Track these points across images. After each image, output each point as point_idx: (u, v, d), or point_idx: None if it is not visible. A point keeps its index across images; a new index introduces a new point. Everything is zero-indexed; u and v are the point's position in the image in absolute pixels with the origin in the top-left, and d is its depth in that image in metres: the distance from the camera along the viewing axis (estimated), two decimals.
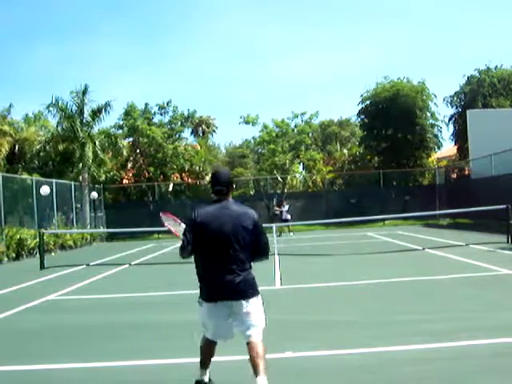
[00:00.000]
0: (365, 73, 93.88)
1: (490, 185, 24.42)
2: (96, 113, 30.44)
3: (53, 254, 21.84)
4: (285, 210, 28.50)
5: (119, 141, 32.80)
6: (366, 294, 9.49)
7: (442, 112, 41.15)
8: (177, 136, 37.55)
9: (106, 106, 30.45)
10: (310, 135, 38.93)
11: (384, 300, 8.83)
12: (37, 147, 31.26)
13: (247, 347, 4.41)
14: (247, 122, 37.42)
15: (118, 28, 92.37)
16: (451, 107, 40.97)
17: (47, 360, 6.07)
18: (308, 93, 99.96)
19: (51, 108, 29.75)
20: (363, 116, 39.64)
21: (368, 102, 38.60)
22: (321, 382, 5.01)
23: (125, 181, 39.13)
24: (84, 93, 29.92)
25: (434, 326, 6.72)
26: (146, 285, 12.08)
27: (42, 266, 16.23)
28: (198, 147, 40.32)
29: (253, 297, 4.39)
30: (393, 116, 35.55)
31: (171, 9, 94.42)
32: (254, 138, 40.72)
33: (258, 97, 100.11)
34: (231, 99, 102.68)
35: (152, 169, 36.32)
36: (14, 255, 20.08)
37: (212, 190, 4.53)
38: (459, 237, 20.08)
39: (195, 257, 4.44)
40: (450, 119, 40.60)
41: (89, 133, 30.19)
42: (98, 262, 17.55)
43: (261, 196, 35.74)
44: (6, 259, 19.47)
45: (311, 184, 41.33)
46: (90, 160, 29.60)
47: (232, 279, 4.27)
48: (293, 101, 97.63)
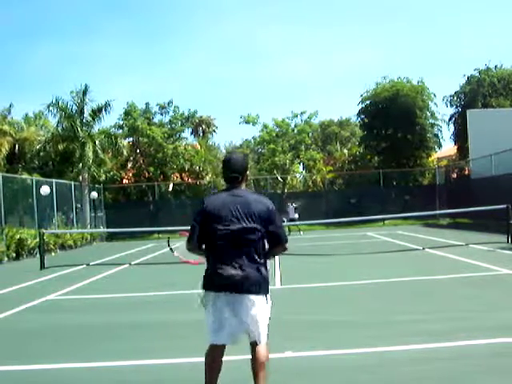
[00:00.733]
0: (365, 73, 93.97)
1: (490, 185, 24.42)
2: (96, 112, 30.44)
3: (53, 254, 21.84)
4: (292, 210, 28.47)
5: (119, 141, 32.80)
6: (366, 294, 9.49)
7: (442, 112, 41.01)
8: (177, 136, 37.56)
9: (106, 106, 30.47)
10: (310, 135, 38.95)
11: (384, 300, 8.83)
12: (37, 147, 31.28)
13: (251, 352, 4.14)
14: (247, 122, 37.45)
15: (119, 28, 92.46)
16: (451, 107, 41.03)
17: (47, 360, 6.07)
18: (308, 93, 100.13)
19: (51, 108, 29.79)
20: (363, 116, 39.65)
21: (368, 102, 38.61)
22: (320, 382, 5.01)
23: (125, 181, 39.14)
24: (84, 93, 29.93)
25: (434, 326, 6.72)
26: (146, 285, 12.08)
27: (42, 266, 16.23)
28: (198, 147, 40.31)
29: (259, 294, 4.03)
30: (393, 116, 35.56)
31: (172, 9, 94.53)
32: (254, 138, 40.78)
33: (258, 97, 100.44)
34: (231, 99, 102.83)
35: (152, 169, 36.32)
36: (14, 255, 20.09)
37: (224, 177, 4.15)
38: (459, 237, 20.08)
39: (206, 248, 4.11)
40: (450, 119, 40.62)
41: (89, 132, 30.20)
42: (98, 262, 17.55)
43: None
44: (6, 259, 19.48)
45: (311, 184, 41.36)
46: (90, 160, 29.60)
47: (241, 270, 3.93)
48: (293, 101, 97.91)
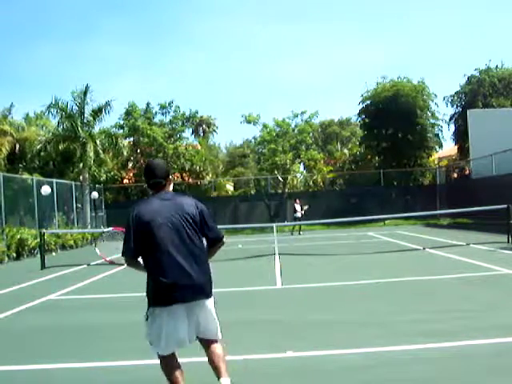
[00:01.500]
0: (365, 73, 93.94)
1: (491, 184, 24.43)
2: (97, 112, 30.44)
3: (53, 254, 21.84)
4: (299, 209, 28.49)
5: (120, 141, 32.81)
6: (367, 294, 9.48)
7: (443, 112, 41.09)
8: (177, 136, 37.59)
9: (107, 106, 30.47)
10: (311, 135, 38.96)
11: (385, 300, 8.83)
12: (37, 147, 31.26)
13: (207, 351, 4.15)
14: (248, 122, 37.46)
15: (120, 28, 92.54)
16: (452, 107, 41.08)
17: (48, 360, 6.07)
18: (309, 92, 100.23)
19: (51, 109, 29.80)
20: (364, 116, 39.68)
21: (368, 102, 38.64)
22: (321, 382, 5.01)
23: (125, 181, 39.20)
24: (85, 93, 29.93)
25: (435, 326, 6.72)
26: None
27: (43, 266, 16.24)
28: (199, 147, 40.34)
29: (211, 295, 4.10)
30: (393, 116, 35.57)
31: (173, 9, 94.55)
32: (255, 138, 40.77)
33: (259, 96, 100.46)
34: (232, 99, 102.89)
35: None
36: (15, 255, 20.10)
37: (148, 184, 4.18)
38: (459, 236, 20.08)
39: (145, 259, 4.02)
40: (451, 119, 40.63)
41: (89, 132, 30.20)
42: (99, 262, 17.54)
43: (261, 196, 35.77)
44: (7, 259, 19.48)
45: (312, 184, 41.35)
46: (91, 160, 29.62)
47: (191, 276, 3.90)
48: (294, 100, 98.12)
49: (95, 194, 30.36)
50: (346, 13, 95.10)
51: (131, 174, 38.93)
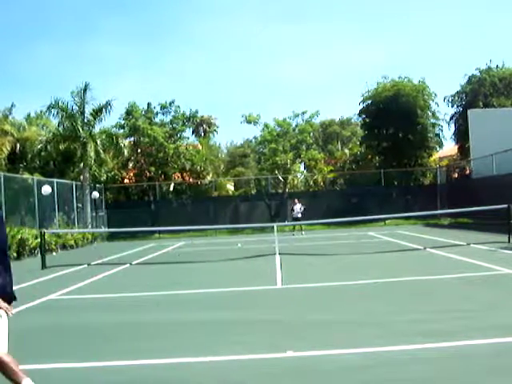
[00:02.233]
0: (366, 72, 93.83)
1: (491, 184, 24.42)
2: (97, 112, 30.44)
3: (54, 254, 21.86)
4: (298, 210, 28.48)
5: (120, 140, 32.82)
6: (367, 294, 9.48)
7: (443, 111, 41.09)
8: (178, 136, 37.59)
9: (107, 106, 30.48)
10: (311, 135, 38.96)
11: (384, 300, 8.83)
12: (38, 147, 31.31)
13: None
14: (249, 122, 37.46)
15: (120, 27, 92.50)
16: (452, 107, 41.04)
17: (48, 359, 6.07)
18: (309, 92, 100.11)
19: (52, 109, 29.81)
20: (364, 115, 39.67)
21: (369, 102, 38.63)
22: (320, 382, 5.01)
23: (126, 180, 39.20)
24: (85, 91, 29.95)
25: (435, 326, 6.72)
26: (147, 284, 12.08)
27: (44, 266, 16.25)
28: (200, 147, 40.34)
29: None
30: (394, 115, 35.56)
31: (173, 9, 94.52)
32: (256, 138, 40.77)
33: (260, 96, 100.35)
34: (233, 99, 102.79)
35: (153, 168, 36.37)
36: (16, 255, 20.09)
37: None
38: (460, 236, 20.08)
39: None
40: (451, 119, 40.61)
41: (90, 132, 30.21)
42: (99, 262, 17.56)
43: (262, 196, 35.77)
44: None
45: (312, 183, 41.35)
46: (92, 160, 29.64)
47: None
48: (294, 100, 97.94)
49: (96, 194, 30.38)
50: (347, 13, 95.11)
51: (132, 174, 38.94)
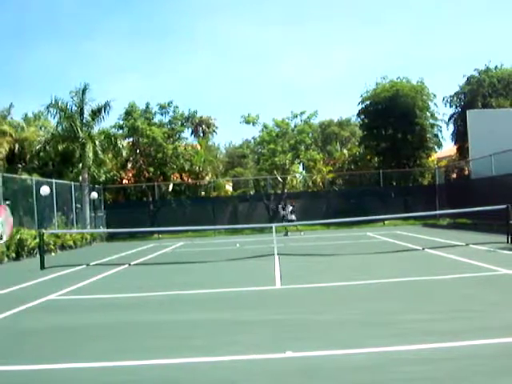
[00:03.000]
0: (365, 73, 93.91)
1: (490, 185, 24.42)
2: (96, 113, 30.46)
3: (53, 254, 21.84)
4: (288, 211, 28.46)
5: (119, 141, 32.81)
6: (366, 294, 9.48)
7: (442, 112, 41.02)
8: (177, 136, 37.58)
9: (106, 106, 30.49)
10: (310, 135, 38.97)
11: (384, 300, 8.82)
12: (37, 147, 31.28)
13: None
14: (248, 122, 37.48)
15: (119, 28, 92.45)
16: (451, 107, 41.02)
17: (47, 360, 6.05)
18: (308, 93, 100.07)
19: (51, 109, 29.81)
20: (363, 116, 39.67)
21: (368, 102, 38.63)
22: (320, 382, 5.00)
23: (125, 181, 39.18)
24: (84, 92, 29.94)
25: (435, 326, 6.71)
26: (146, 285, 12.06)
27: (42, 266, 16.22)
28: (198, 147, 40.33)
29: None
30: (393, 116, 35.57)
31: (172, 9, 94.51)
32: (254, 138, 40.79)
33: (259, 97, 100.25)
34: (231, 99, 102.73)
35: (152, 169, 36.35)
36: (14, 255, 20.09)
37: None
38: (459, 237, 20.09)
39: None
40: (450, 119, 40.61)
41: (89, 133, 30.20)
42: (98, 262, 17.54)
43: (261, 196, 35.77)
44: (6, 259, 19.47)
45: (311, 184, 41.34)
46: (90, 160, 29.63)
47: None
48: (293, 101, 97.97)
49: (94, 195, 30.36)
50: (346, 13, 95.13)
51: (130, 175, 38.91)
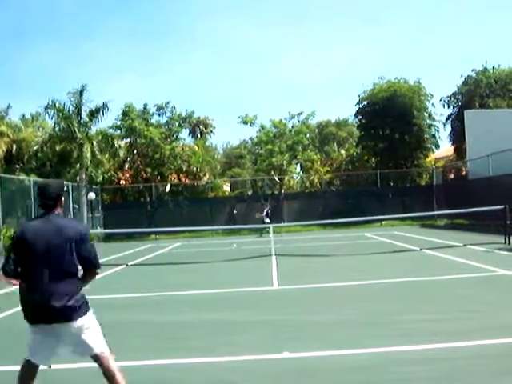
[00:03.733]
0: (362, 73, 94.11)
1: (488, 185, 24.44)
2: (93, 113, 30.41)
3: None
4: (264, 215, 28.53)
5: (116, 141, 32.78)
6: (364, 295, 9.48)
7: (439, 112, 41.06)
8: (174, 137, 37.55)
9: (104, 107, 30.44)
10: (308, 136, 38.99)
11: (382, 300, 8.83)
12: (34, 148, 31.26)
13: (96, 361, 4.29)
14: (245, 123, 37.48)
15: (117, 28, 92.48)
16: (448, 107, 41.06)
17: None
18: (306, 93, 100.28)
19: (49, 109, 29.76)
20: (360, 116, 39.68)
21: (365, 103, 38.66)
22: (317, 383, 4.99)
23: (122, 181, 39.15)
24: (81, 93, 29.91)
25: (437, 326, 6.71)
26: (143, 285, 12.05)
27: None
28: (196, 148, 40.32)
29: (80, 317, 4.10)
30: (390, 116, 35.59)
31: (170, 9, 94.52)
32: (252, 139, 40.79)
33: (256, 97, 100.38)
34: (229, 100, 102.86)
35: (149, 169, 36.31)
36: None
37: (39, 204, 4.18)
38: (456, 237, 20.11)
39: (21, 276, 4.11)
40: (448, 119, 40.63)
41: (86, 133, 30.16)
42: None
43: (258, 197, 35.77)
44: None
45: (308, 184, 41.36)
46: (88, 161, 29.59)
47: (55, 299, 3.95)
48: (291, 102, 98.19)
49: (92, 195, 30.32)
50: (343, 14, 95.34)
51: (128, 175, 38.90)
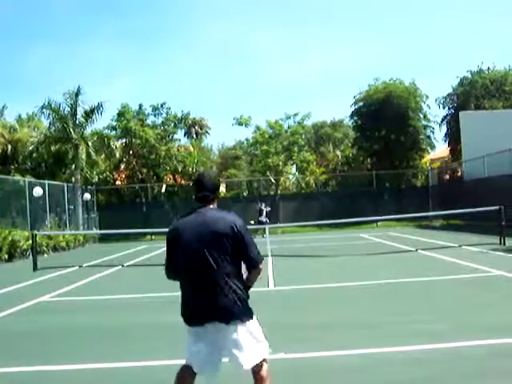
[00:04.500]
0: (358, 74, 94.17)
1: (483, 186, 24.53)
2: (89, 114, 30.34)
3: (45, 256, 21.72)
4: (263, 216, 28.59)
5: (112, 142, 32.71)
6: (361, 296, 9.49)
7: (435, 113, 41.19)
8: (170, 137, 37.50)
9: (99, 108, 30.37)
10: (303, 136, 38.99)
11: (378, 301, 8.84)
12: (29, 148, 31.15)
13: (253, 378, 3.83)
14: (240, 124, 37.46)
15: (112, 29, 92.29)
16: (444, 108, 41.18)
17: (40, 361, 6.03)
18: (301, 94, 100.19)
19: (44, 110, 29.70)
20: (356, 117, 39.69)
21: (361, 104, 38.66)
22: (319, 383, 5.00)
23: (118, 182, 39.06)
24: (77, 94, 29.85)
25: (430, 327, 6.72)
26: (139, 286, 12.05)
27: (35, 268, 16.15)
28: (191, 149, 40.27)
29: (244, 320, 3.71)
30: (385, 117, 35.61)
31: (166, 11, 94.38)
32: (247, 140, 40.76)
33: (252, 98, 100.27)
34: (224, 100, 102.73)
35: (145, 170, 36.27)
36: (7, 257, 19.97)
37: (195, 196, 3.81)
38: (452, 238, 20.15)
39: (179, 276, 3.78)
40: (443, 120, 40.74)
41: (82, 134, 30.09)
42: (91, 264, 17.48)
43: (254, 198, 35.75)
44: None
45: (304, 185, 41.37)
46: (83, 161, 29.56)
47: (217, 298, 3.59)
48: (286, 103, 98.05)
49: (87, 196, 30.27)
50: (339, 16, 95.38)
51: (123, 176, 38.81)
